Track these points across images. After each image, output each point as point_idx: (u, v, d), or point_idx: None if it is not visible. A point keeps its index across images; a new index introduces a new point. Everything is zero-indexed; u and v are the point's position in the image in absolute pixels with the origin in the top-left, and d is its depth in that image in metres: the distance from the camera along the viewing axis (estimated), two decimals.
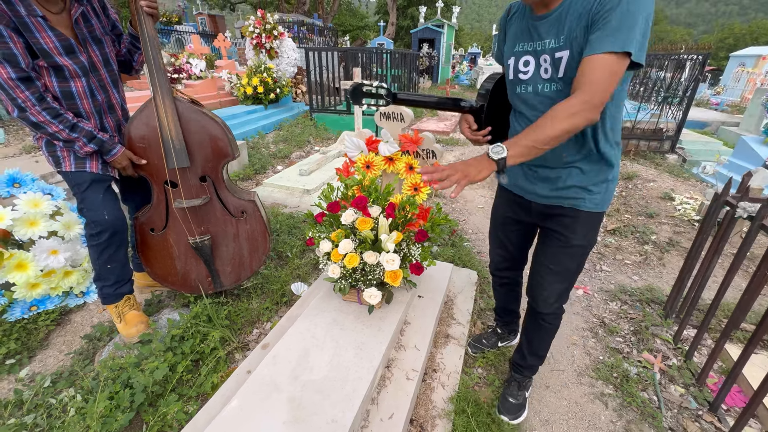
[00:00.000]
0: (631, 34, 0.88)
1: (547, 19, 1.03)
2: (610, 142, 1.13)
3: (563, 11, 0.99)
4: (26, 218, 1.85)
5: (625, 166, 4.94)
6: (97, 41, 1.50)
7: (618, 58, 0.90)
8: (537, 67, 1.09)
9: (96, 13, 1.51)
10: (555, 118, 0.93)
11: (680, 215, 3.54)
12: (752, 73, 14.12)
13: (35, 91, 1.32)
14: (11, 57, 1.25)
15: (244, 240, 1.94)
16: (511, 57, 1.15)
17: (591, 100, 0.91)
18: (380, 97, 1.43)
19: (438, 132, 6.69)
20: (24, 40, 1.28)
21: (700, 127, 8.55)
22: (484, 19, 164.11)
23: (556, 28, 1.02)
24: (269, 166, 4.60)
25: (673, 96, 5.77)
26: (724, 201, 1.81)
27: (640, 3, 0.88)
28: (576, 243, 1.26)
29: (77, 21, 1.42)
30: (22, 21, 1.27)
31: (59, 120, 1.36)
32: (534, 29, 1.08)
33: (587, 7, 0.94)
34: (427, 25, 15.30)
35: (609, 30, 0.90)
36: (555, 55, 1.03)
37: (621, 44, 0.89)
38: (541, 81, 1.09)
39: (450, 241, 2.93)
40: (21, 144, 4.03)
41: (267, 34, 6.60)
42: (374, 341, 1.47)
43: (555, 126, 0.92)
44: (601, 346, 2.05)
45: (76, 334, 1.94)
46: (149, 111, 1.61)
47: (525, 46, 1.11)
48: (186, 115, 1.65)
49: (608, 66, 0.90)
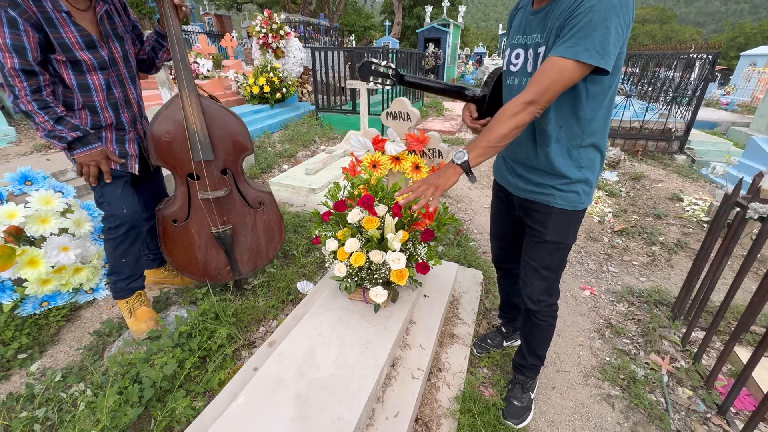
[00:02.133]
0: (587, 43, 0.92)
1: (539, 14, 1.07)
2: (580, 144, 1.15)
3: (550, 9, 1.03)
4: (38, 215, 1.88)
5: (633, 166, 4.90)
6: (119, 38, 1.58)
7: (571, 63, 0.94)
8: (524, 61, 1.14)
9: (118, 12, 1.59)
10: (502, 118, 1.01)
11: (689, 216, 3.50)
12: (763, 73, 13.88)
13: (33, 84, 1.37)
14: (21, 49, 1.32)
15: (262, 230, 2.04)
16: (508, 48, 1.22)
17: (533, 100, 0.98)
18: (387, 77, 1.46)
19: (444, 131, 6.68)
20: (43, 35, 1.35)
21: (709, 127, 8.44)
22: (491, 19, 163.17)
23: (542, 25, 1.06)
24: (275, 165, 4.62)
25: (682, 96, 5.70)
26: (734, 202, 1.79)
27: (604, 14, 0.90)
28: (549, 239, 1.28)
29: (102, 18, 1.49)
30: (47, 16, 1.34)
31: (46, 111, 1.41)
32: (528, 24, 1.12)
33: (567, 8, 0.97)
34: (433, 24, 15.28)
35: (568, 37, 0.94)
36: (537, 50, 1.08)
37: (573, 52, 0.93)
38: (525, 75, 1.14)
39: (455, 240, 2.93)
40: (32, 142, 4.09)
41: (273, 33, 6.62)
42: (380, 340, 1.48)
43: (502, 125, 1.01)
44: (608, 348, 2.04)
45: (85, 330, 1.97)
46: (175, 106, 1.67)
47: (519, 39, 1.16)
48: (209, 111, 1.72)
49: (559, 70, 0.95)
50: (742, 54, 17.05)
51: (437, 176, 1.08)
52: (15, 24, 1.28)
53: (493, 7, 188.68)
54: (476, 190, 4.26)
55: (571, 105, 1.09)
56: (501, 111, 1.03)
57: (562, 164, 1.18)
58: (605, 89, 1.08)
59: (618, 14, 0.91)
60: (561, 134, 1.14)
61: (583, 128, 1.12)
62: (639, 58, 6.52)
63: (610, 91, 1.09)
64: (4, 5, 1.26)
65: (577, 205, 1.23)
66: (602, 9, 0.90)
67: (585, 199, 1.23)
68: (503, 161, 1.42)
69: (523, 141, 1.23)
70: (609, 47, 0.93)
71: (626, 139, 5.82)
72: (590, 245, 3.17)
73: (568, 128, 1.13)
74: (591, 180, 1.22)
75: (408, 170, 1.85)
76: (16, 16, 1.28)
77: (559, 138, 1.15)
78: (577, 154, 1.17)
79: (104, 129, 1.60)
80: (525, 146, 1.23)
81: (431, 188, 1.07)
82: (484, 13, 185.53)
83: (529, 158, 1.24)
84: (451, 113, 8.87)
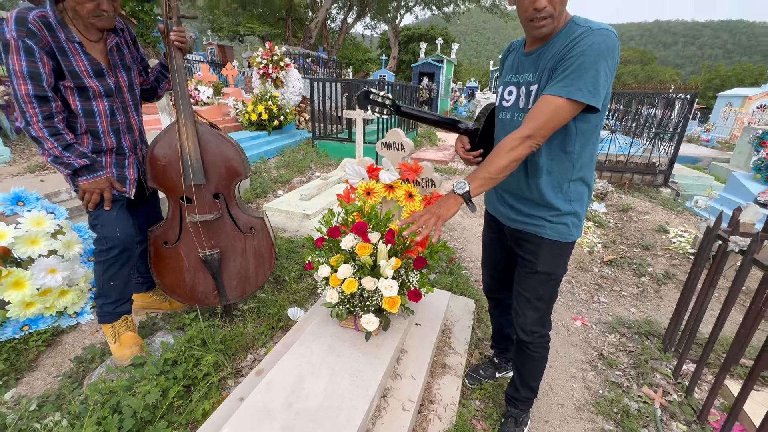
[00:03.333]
0: (579, 83, 1.00)
1: (531, 56, 1.17)
2: (570, 178, 1.21)
3: (543, 51, 1.12)
4: (28, 236, 1.86)
5: (620, 198, 5.03)
6: (126, 68, 1.66)
7: (565, 101, 1.02)
8: (517, 98, 1.22)
9: (128, 44, 1.68)
10: (501, 151, 1.07)
11: (675, 248, 3.58)
12: (739, 112, 14.65)
13: (46, 110, 1.42)
14: (36, 75, 1.37)
15: (251, 255, 2.02)
16: (501, 86, 1.30)
17: (530, 135, 1.05)
18: (385, 107, 1.51)
19: (437, 161, 6.84)
20: (56, 62, 1.41)
21: (692, 162, 8.78)
22: (482, 56, 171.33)
23: (534, 65, 1.15)
24: (270, 191, 4.66)
25: (664, 132, 5.97)
26: (716, 235, 1.85)
27: (594, 57, 0.99)
28: (541, 270, 1.31)
29: (111, 49, 1.57)
30: (60, 46, 1.41)
31: (56, 138, 1.45)
32: (521, 64, 1.21)
33: (558, 52, 1.06)
34: (427, 60, 15.96)
35: (561, 77, 1.02)
36: (529, 88, 1.16)
37: (567, 92, 1.01)
38: (517, 110, 1.22)
39: (448, 268, 2.94)
40: (26, 163, 4.09)
41: (274, 65, 6.87)
42: (370, 369, 1.45)
43: (502, 158, 1.07)
44: (601, 380, 2.02)
45: (66, 356, 1.90)
46: (172, 132, 1.74)
47: (512, 78, 1.25)
48: (204, 137, 1.78)
49: (554, 108, 1.03)
50: (719, 94, 18.03)
51: (438, 206, 1.12)
52: (31, 52, 1.34)
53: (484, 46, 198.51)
54: (469, 219, 4.32)
55: (561, 141, 1.16)
56: (500, 145, 1.08)
57: (553, 196, 1.23)
58: (592, 128, 1.16)
59: (606, 58, 1.00)
60: (552, 167, 1.20)
61: (573, 162, 1.19)
62: (623, 96, 6.86)
63: (597, 129, 1.18)
64: (22, 35, 1.32)
65: (567, 237, 1.27)
66: (592, 53, 0.99)
67: (575, 231, 1.27)
68: (494, 192, 1.46)
69: (515, 173, 1.28)
70: (599, 87, 1.01)
71: (613, 172, 6.01)
72: (581, 275, 3.20)
73: (558, 162, 1.19)
74: (580, 213, 1.26)
75: (401, 198, 1.89)
76: (32, 45, 1.34)
77: (551, 170, 1.20)
78: (566, 188, 1.22)
79: (105, 153, 1.63)
80: (517, 178, 1.28)
81: (433, 218, 1.11)
82: (476, 51, 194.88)
83: (521, 189, 1.29)
84: (444, 143, 9.11)
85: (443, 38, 22.72)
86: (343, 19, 17.53)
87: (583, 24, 1.05)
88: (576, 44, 1.01)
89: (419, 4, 17.56)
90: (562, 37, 1.07)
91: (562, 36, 1.07)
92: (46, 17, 1.38)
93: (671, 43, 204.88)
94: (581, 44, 1.00)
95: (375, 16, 18.94)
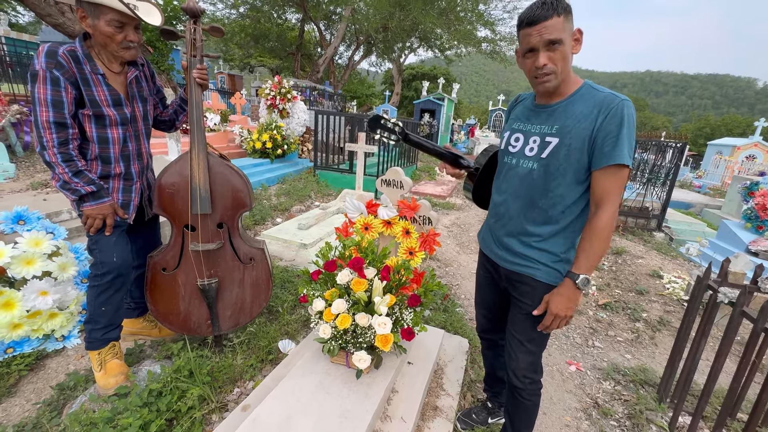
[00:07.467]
0: (629, 150, 1.14)
1: (546, 110, 1.26)
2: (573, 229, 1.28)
3: (560, 109, 1.22)
4: (24, 257, 1.87)
5: (615, 241, 5.09)
6: (143, 99, 1.75)
7: (622, 168, 1.15)
8: (524, 145, 1.29)
9: (146, 78, 1.78)
10: (602, 235, 1.18)
11: (669, 294, 3.59)
12: (729, 161, 15.13)
13: (62, 136, 1.48)
14: (59, 104, 1.45)
15: (249, 285, 2.03)
16: (508, 132, 1.38)
17: (614, 209, 1.18)
18: (393, 132, 1.59)
19: (435, 195, 6.95)
20: (78, 92, 1.50)
21: (684, 207, 8.95)
22: (482, 95, 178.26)
23: (552, 119, 1.23)
24: (269, 218, 4.69)
25: (656, 177, 6.14)
26: (706, 285, 1.88)
27: (630, 128, 1.14)
28: (535, 312, 1.32)
29: (131, 82, 1.66)
30: (84, 77, 1.50)
31: (68, 164, 1.51)
32: (533, 115, 1.30)
33: (591, 124, 1.16)
34: (429, 97, 16.60)
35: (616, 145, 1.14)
36: (545, 139, 1.23)
37: (623, 159, 1.13)
38: (524, 157, 1.29)
39: (442, 305, 2.92)
40: (30, 180, 4.14)
41: (281, 96, 7.13)
42: (360, 409, 1.42)
43: (604, 241, 1.18)
44: (595, 430, 1.97)
45: (48, 381, 1.85)
46: (183, 161, 1.80)
47: (520, 126, 1.33)
48: (215, 169, 1.84)
49: (619, 177, 1.16)
50: (709, 143, 18.71)
51: (566, 308, 1.22)
52: (57, 83, 1.43)
53: (484, 86, 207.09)
54: (465, 255, 4.34)
55: (578, 198, 1.24)
56: (599, 229, 1.17)
57: (552, 243, 1.27)
58: None
59: (633, 127, 1.15)
60: (560, 218, 1.26)
61: (578, 217, 1.27)
62: None
63: None
64: (51, 66, 1.42)
65: (560, 282, 1.29)
66: (630, 123, 1.14)
67: None
68: (490, 233, 1.47)
69: (515, 216, 1.32)
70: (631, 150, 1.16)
71: None
72: (575, 318, 3.18)
73: (569, 214, 1.26)
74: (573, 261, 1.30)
75: (398, 235, 1.93)
76: (59, 76, 1.43)
77: (558, 220, 1.26)
78: (564, 236, 1.27)
79: (113, 178, 1.68)
80: (517, 221, 1.32)
81: (567, 319, 1.25)
82: (476, 90, 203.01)
83: (520, 232, 1.32)
84: (443, 178, 9.28)
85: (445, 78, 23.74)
86: (350, 56, 18.37)
87: (604, 90, 1.18)
88: (617, 115, 1.12)
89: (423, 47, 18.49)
90: (586, 100, 1.18)
91: (586, 99, 1.18)
92: (75, 51, 1.48)
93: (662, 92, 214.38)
94: (622, 114, 1.12)
95: (381, 55, 19.87)
